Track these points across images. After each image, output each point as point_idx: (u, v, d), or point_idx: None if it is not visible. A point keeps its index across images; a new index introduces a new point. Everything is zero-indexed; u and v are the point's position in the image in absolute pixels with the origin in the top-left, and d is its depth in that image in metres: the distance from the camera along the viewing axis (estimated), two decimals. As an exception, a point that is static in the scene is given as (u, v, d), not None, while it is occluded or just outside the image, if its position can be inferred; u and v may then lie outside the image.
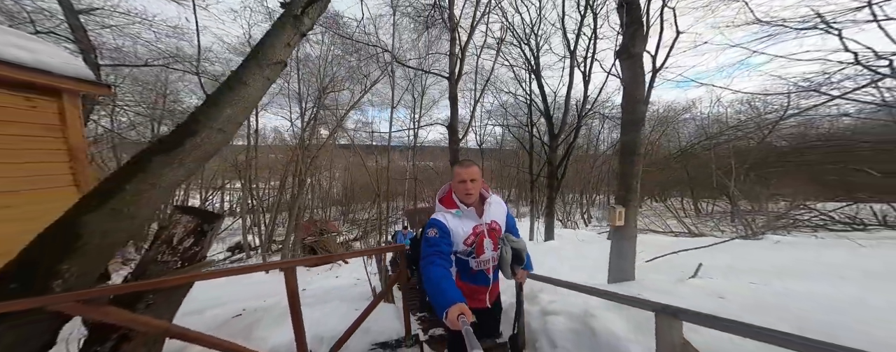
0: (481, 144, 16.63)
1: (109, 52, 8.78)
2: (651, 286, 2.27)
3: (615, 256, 2.79)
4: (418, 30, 9.53)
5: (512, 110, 13.77)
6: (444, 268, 1.04)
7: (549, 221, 9.12)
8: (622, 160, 2.75)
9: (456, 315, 0.80)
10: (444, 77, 7.69)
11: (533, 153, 10.99)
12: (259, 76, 2.13)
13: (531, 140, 10.78)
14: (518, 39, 10.20)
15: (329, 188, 21.55)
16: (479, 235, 1.21)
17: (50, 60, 2.35)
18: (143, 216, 1.61)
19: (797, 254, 4.36)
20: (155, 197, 1.64)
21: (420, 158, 17.42)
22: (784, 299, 1.78)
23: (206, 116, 1.84)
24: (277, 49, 2.25)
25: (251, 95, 2.09)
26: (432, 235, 1.13)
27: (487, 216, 1.24)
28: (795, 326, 1.42)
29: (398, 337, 2.27)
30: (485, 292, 1.30)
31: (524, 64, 10.54)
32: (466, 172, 1.17)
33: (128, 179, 1.51)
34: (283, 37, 2.30)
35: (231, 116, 1.95)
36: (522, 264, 1.30)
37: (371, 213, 18.51)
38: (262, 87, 2.18)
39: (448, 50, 7.41)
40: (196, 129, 1.79)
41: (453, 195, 1.23)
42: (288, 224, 12.24)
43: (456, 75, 7.27)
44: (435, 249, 1.08)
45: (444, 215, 1.20)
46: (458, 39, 7.51)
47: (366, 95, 12.80)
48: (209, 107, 1.88)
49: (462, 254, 1.23)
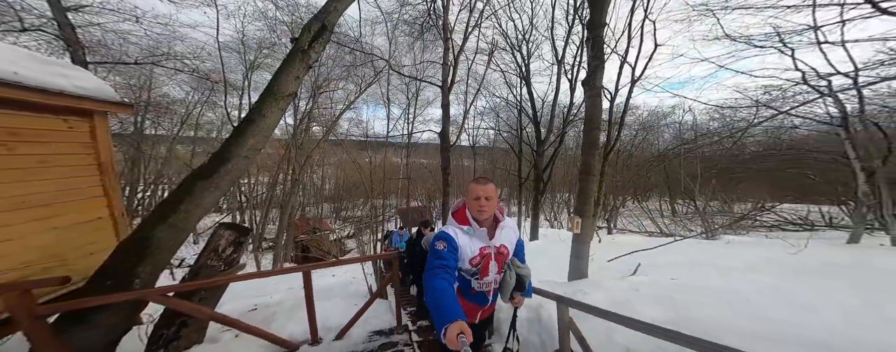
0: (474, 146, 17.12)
1: (98, 48, 8.74)
2: (595, 283, 2.86)
3: (574, 258, 3.38)
4: (414, 34, 9.86)
5: (503, 113, 14.36)
6: (448, 283, 1.02)
7: (534, 222, 9.79)
8: (581, 178, 3.32)
9: (455, 334, 0.78)
10: (437, 85, 8.11)
11: (522, 157, 11.61)
12: (275, 108, 2.57)
13: (520, 145, 11.36)
14: (510, 46, 10.69)
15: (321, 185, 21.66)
16: (485, 257, 1.20)
17: (84, 85, 2.68)
18: (189, 229, 2.05)
19: (734, 252, 5.10)
20: (198, 214, 2.08)
21: (414, 156, 17.73)
22: (680, 292, 2.38)
23: (236, 145, 2.28)
24: (289, 83, 2.69)
25: (269, 124, 2.53)
26: (441, 248, 1.12)
27: (498, 239, 1.23)
28: (673, 311, 2.01)
29: (391, 327, 2.78)
30: (478, 310, 1.33)
31: (515, 70, 11.06)
32: (483, 189, 1.16)
33: (180, 200, 1.95)
34: (293, 71, 2.73)
35: (254, 145, 2.39)
36: (523, 292, 1.28)
37: (363, 210, 18.83)
38: (278, 117, 2.62)
39: (441, 58, 7.82)
40: (228, 157, 2.23)
41: (467, 212, 1.21)
42: (279, 222, 12.49)
43: (449, 83, 7.71)
44: (442, 263, 1.07)
45: (455, 230, 1.18)
46: (452, 48, 7.92)
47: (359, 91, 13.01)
48: (237, 137, 2.31)
49: (465, 273, 1.23)
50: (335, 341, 2.50)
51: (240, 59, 13.22)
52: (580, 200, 3.30)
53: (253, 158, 2.43)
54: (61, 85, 2.49)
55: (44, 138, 2.43)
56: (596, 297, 2.35)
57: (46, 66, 2.55)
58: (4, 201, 2.12)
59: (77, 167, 2.69)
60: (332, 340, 2.49)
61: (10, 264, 2.05)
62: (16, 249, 2.12)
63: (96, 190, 2.79)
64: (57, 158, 2.53)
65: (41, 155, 2.40)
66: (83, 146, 2.73)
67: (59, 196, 2.54)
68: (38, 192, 2.35)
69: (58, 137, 2.56)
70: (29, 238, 2.22)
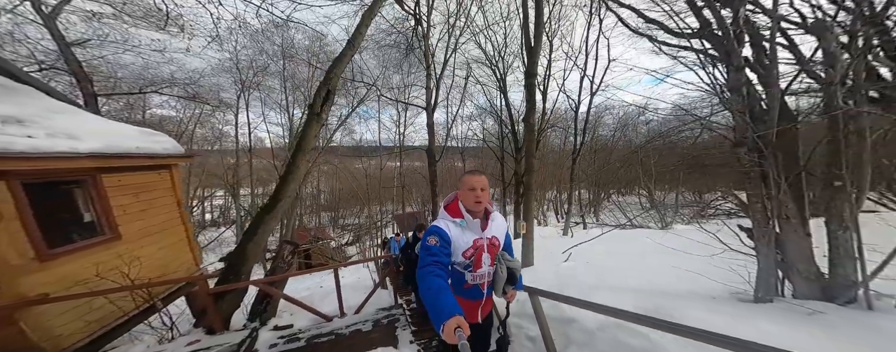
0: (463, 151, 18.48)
1: (98, 78, 9.69)
2: (535, 268, 4.26)
3: (524, 252, 4.80)
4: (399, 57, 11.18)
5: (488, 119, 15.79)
6: (442, 279, 1.04)
7: (517, 222, 11.25)
8: (524, 195, 4.71)
9: (453, 328, 0.80)
10: (421, 108, 9.46)
11: (504, 162, 13.06)
12: (303, 159, 3.91)
13: (502, 152, 12.80)
14: (489, 61, 12.10)
15: (317, 195, 22.77)
16: (478, 248, 1.22)
17: (166, 146, 3.96)
18: (263, 243, 3.37)
19: (666, 239, 6.51)
20: (266, 234, 3.40)
21: (408, 160, 18.85)
22: (582, 270, 3.77)
23: (285, 188, 3.61)
24: (310, 140, 4.02)
25: (301, 172, 3.87)
26: (432, 244, 1.13)
27: (490, 231, 1.25)
28: (568, 279, 3.39)
29: (390, 304, 4.13)
30: (477, 307, 1.33)
31: (495, 83, 12.48)
32: (477, 179, 1.18)
33: (257, 226, 3.27)
34: (312, 131, 4.06)
35: (292, 188, 3.72)
36: (515, 285, 1.31)
37: (360, 218, 20.05)
38: (305, 166, 3.97)
39: (425, 84, 9.17)
40: (280, 197, 3.56)
41: (459, 204, 1.22)
42: (280, 233, 13.66)
43: (433, 105, 9.06)
44: (434, 259, 1.09)
45: (447, 224, 1.20)
46: (433, 74, 9.27)
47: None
48: (284, 184, 3.64)
49: (459, 266, 1.24)
50: (355, 314, 3.84)
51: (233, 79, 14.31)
52: (525, 211, 4.71)
53: (291, 197, 3.76)
54: (157, 150, 3.77)
55: (150, 188, 3.71)
56: (528, 278, 3.74)
57: (146, 135, 3.83)
58: (139, 232, 3.40)
59: (166, 206, 3.97)
60: (353, 313, 3.83)
61: (147, 271, 3.32)
62: (148, 261, 3.39)
63: (177, 221, 4.08)
64: (157, 200, 3.81)
65: (151, 199, 3.68)
66: (168, 190, 4.01)
67: (162, 226, 3.82)
68: (153, 224, 3.63)
69: (157, 185, 3.84)
70: (152, 254, 3.50)
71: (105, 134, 3.13)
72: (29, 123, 2.56)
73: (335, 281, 3.58)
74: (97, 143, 2.89)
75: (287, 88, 14.59)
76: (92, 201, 2.90)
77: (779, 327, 1.43)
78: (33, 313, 2.27)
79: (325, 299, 4.14)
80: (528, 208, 4.67)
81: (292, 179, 3.67)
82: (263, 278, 3.33)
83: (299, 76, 14.92)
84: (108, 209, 2.99)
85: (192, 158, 4.33)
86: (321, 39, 12.49)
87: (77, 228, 2.80)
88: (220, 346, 2.64)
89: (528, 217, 4.68)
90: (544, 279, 3.55)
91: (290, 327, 3.17)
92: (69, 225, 2.77)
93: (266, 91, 15.41)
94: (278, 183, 3.64)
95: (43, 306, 2.30)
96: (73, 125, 2.91)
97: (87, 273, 2.67)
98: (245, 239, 3.14)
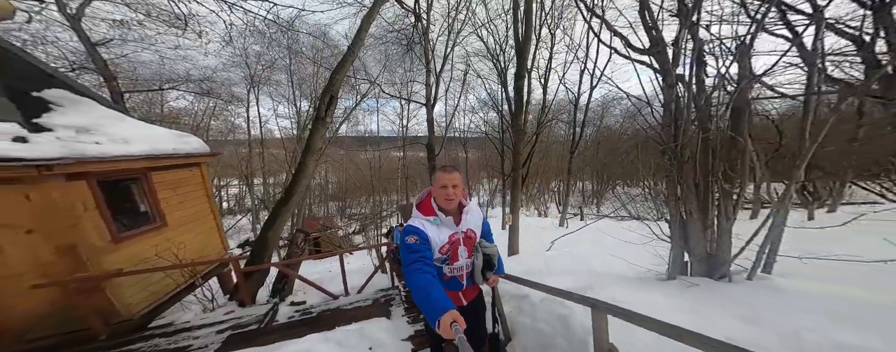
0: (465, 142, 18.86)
1: (125, 77, 10.51)
2: (519, 257, 4.83)
3: (510, 241, 5.36)
4: (400, 53, 11.49)
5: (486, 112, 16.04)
6: (430, 274, 1.05)
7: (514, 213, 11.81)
8: (512, 189, 5.22)
9: (449, 323, 0.81)
10: (421, 104, 9.88)
11: (504, 155, 13.43)
12: (311, 160, 4.51)
13: (502, 146, 13.17)
14: (490, 54, 12.26)
15: (325, 185, 23.76)
16: (454, 243, 1.24)
17: (196, 146, 4.61)
18: (280, 231, 4.04)
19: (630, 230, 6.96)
20: (282, 223, 4.07)
21: (412, 149, 19.33)
22: (556, 260, 4.32)
23: (297, 185, 4.24)
24: (317, 141, 4.60)
25: (309, 170, 4.48)
26: (413, 242, 1.14)
27: (464, 224, 1.27)
28: (545, 266, 3.95)
29: (388, 286, 4.81)
30: (458, 294, 1.36)
31: (496, 78, 12.68)
32: (448, 177, 1.19)
33: (275, 217, 3.93)
34: (318, 134, 4.64)
35: (303, 184, 4.34)
36: (494, 269, 1.35)
37: (366, 208, 20.97)
38: (313, 165, 4.56)
39: (425, 80, 9.55)
40: (293, 192, 4.20)
41: (432, 202, 1.23)
42: (292, 222, 14.63)
43: (432, 101, 9.47)
44: (418, 256, 1.10)
45: (421, 222, 1.21)
46: (433, 69, 9.61)
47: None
48: (296, 182, 4.27)
49: (436, 261, 1.26)
50: (357, 293, 4.54)
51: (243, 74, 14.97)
52: (512, 203, 5.23)
53: (302, 193, 4.39)
54: (188, 150, 4.43)
55: (184, 183, 4.39)
56: (510, 265, 4.32)
57: (179, 138, 4.48)
58: (179, 220, 4.11)
59: (198, 198, 4.67)
60: (356, 293, 4.53)
61: (190, 254, 4.06)
62: (189, 246, 4.12)
63: (207, 211, 4.79)
64: (190, 193, 4.51)
65: (185, 192, 4.37)
66: (199, 185, 4.70)
67: (195, 216, 4.54)
68: (188, 214, 4.34)
69: (189, 181, 4.53)
70: (192, 241, 4.23)
71: (149, 138, 3.78)
72: (93, 131, 3.20)
73: (341, 266, 4.25)
74: (145, 146, 3.54)
75: (294, 82, 15.17)
76: (145, 195, 3.59)
77: (660, 295, 1.95)
78: (113, 283, 3.00)
79: (333, 281, 4.85)
80: (515, 201, 5.18)
81: (303, 176, 4.28)
82: (282, 260, 4.04)
83: (305, 71, 15.46)
84: (157, 201, 3.69)
85: (217, 156, 4.98)
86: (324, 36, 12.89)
87: (136, 217, 3.51)
88: (250, 316, 3.35)
89: (514, 209, 5.21)
90: (522, 265, 4.15)
91: (303, 303, 3.88)
92: (131, 215, 3.47)
93: (274, 85, 16.06)
94: (291, 181, 4.26)
95: (119, 279, 3.01)
96: (124, 131, 3.55)
97: (147, 253, 3.39)
98: (265, 228, 3.83)
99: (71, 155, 2.62)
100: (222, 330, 2.98)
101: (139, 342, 2.79)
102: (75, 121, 3.05)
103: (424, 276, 1.03)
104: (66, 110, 3.10)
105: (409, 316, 3.30)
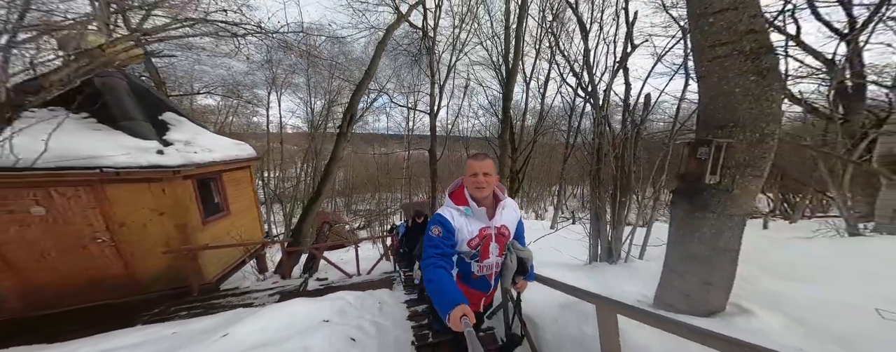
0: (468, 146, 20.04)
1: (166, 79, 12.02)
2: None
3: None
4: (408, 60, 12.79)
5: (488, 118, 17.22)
6: (446, 270, 1.07)
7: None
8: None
9: (458, 317, 0.84)
10: (425, 113, 11.16)
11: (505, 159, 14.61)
12: (335, 167, 5.87)
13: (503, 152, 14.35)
14: (493, 65, 13.43)
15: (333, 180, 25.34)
16: (485, 238, 1.20)
17: (248, 150, 5.98)
18: (311, 222, 5.36)
19: None
20: (313, 216, 5.40)
21: (416, 146, 20.47)
22: (543, 253, 5.50)
23: (322, 187, 5.62)
24: (340, 151, 5.94)
25: (333, 175, 5.81)
26: (435, 235, 1.13)
27: (498, 220, 1.22)
28: None
29: (391, 270, 6.10)
30: (482, 297, 1.35)
31: (498, 87, 13.85)
32: (480, 164, 1.15)
33: (307, 214, 5.28)
34: (341, 146, 5.97)
35: (327, 187, 5.67)
36: (525, 275, 1.28)
37: (371, 204, 22.41)
38: (336, 172, 5.89)
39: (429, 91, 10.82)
40: (320, 193, 5.57)
41: (465, 191, 1.20)
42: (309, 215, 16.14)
43: (436, 110, 10.72)
44: (436, 251, 1.10)
45: (451, 212, 1.19)
46: (437, 81, 10.86)
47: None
48: (322, 184, 5.65)
49: (465, 255, 1.23)
50: (367, 274, 5.85)
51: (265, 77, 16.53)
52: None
53: (327, 190, 5.73)
54: (242, 155, 5.80)
55: (239, 181, 5.77)
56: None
57: (237, 145, 5.86)
58: (237, 210, 5.48)
59: (248, 193, 6.07)
60: (366, 274, 5.84)
61: (245, 236, 5.42)
62: (244, 229, 5.49)
63: (253, 204, 6.18)
64: (243, 188, 5.90)
65: (240, 188, 5.76)
66: (248, 182, 6.09)
67: (245, 207, 5.93)
68: (241, 206, 5.72)
69: (243, 179, 5.92)
70: (245, 225, 5.61)
71: (222, 147, 5.14)
72: (192, 143, 4.56)
73: (355, 253, 5.58)
74: (220, 153, 4.90)
75: (310, 85, 16.68)
76: (219, 191, 4.97)
77: (570, 273, 3.15)
78: (203, 254, 4.35)
79: (348, 264, 6.19)
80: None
81: (328, 180, 5.63)
82: (312, 245, 5.40)
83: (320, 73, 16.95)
84: (226, 195, 5.06)
85: (260, 159, 6.40)
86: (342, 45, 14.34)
87: (214, 207, 4.88)
88: (290, 285, 4.67)
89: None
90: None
91: (326, 279, 5.21)
92: (211, 205, 4.85)
93: (293, 88, 17.63)
94: (319, 183, 5.60)
95: (206, 251, 4.37)
96: (206, 142, 4.91)
97: (220, 234, 4.77)
98: (300, 221, 5.20)
99: (190, 162, 3.98)
100: (273, 293, 4.31)
101: (219, 298, 4.14)
102: (182, 136, 4.42)
103: (439, 270, 1.07)
104: (175, 128, 4.48)
105: (405, 290, 4.55)
